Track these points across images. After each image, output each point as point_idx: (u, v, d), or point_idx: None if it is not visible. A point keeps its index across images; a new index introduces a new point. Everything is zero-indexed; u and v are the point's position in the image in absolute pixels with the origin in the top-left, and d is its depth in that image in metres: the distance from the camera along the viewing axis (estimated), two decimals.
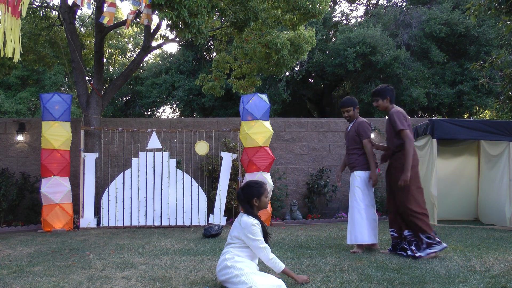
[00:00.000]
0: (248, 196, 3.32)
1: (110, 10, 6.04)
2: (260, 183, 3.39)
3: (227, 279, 3.14)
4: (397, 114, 4.51)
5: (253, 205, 3.33)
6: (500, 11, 6.76)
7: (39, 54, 10.01)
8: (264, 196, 3.36)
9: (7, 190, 7.82)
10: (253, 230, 3.18)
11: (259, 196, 3.33)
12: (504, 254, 4.54)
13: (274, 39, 8.23)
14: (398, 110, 4.57)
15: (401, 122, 4.44)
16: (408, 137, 4.39)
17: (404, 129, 4.41)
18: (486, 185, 7.97)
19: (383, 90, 4.74)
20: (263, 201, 3.36)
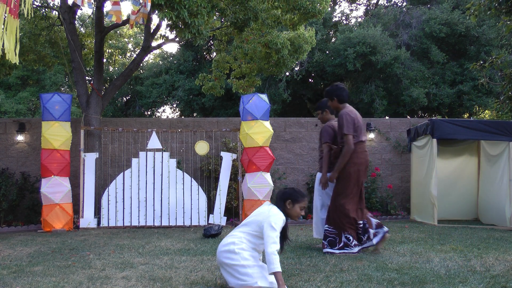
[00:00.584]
0: (286, 197, 3.33)
1: (115, 9, 6.04)
2: (304, 195, 3.40)
3: (230, 264, 3.11)
4: (345, 117, 4.61)
5: (285, 207, 3.32)
6: (500, 11, 6.77)
7: (39, 54, 10.01)
8: (299, 206, 3.34)
9: (7, 190, 7.82)
10: (278, 220, 3.15)
11: (293, 201, 3.32)
12: (504, 254, 4.54)
13: (274, 39, 8.23)
14: (348, 112, 4.66)
15: (347, 126, 4.56)
16: (348, 143, 4.54)
17: (347, 134, 4.54)
18: (486, 185, 7.97)
19: (329, 91, 4.86)
20: (295, 210, 3.33)
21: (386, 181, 9.32)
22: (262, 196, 7.32)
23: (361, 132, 4.66)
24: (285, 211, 3.31)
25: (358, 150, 4.64)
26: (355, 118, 4.64)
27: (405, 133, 9.35)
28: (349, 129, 4.55)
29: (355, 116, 4.65)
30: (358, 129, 4.62)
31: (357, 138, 4.62)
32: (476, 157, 8.47)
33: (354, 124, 4.59)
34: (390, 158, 9.43)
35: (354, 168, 4.59)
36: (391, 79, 13.66)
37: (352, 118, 4.61)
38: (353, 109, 4.77)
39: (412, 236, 5.97)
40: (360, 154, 4.64)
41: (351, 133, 4.55)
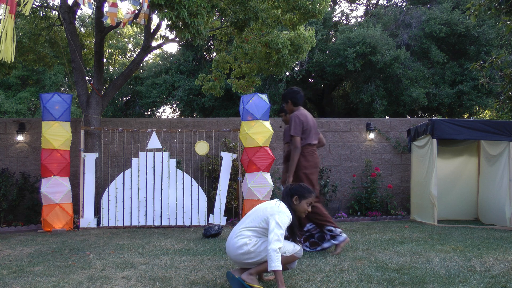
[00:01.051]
0: (293, 192, 3.35)
1: (112, 11, 6.05)
2: (311, 191, 3.41)
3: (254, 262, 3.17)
4: (295, 119, 4.71)
5: (292, 203, 3.32)
6: (500, 11, 6.76)
7: (39, 54, 10.00)
8: (306, 202, 3.35)
9: (7, 190, 7.83)
10: (285, 218, 3.15)
11: (300, 197, 3.34)
12: (504, 254, 4.54)
13: (274, 39, 8.23)
14: (297, 115, 4.76)
15: (295, 128, 4.66)
16: (295, 144, 4.63)
17: (294, 136, 4.64)
18: (486, 185, 7.97)
19: (284, 94, 5.00)
20: (302, 206, 3.34)
21: (386, 181, 9.32)
22: (262, 196, 7.32)
23: (310, 135, 4.76)
24: (292, 207, 3.31)
25: (306, 153, 4.73)
26: (304, 121, 4.74)
27: (405, 133, 9.35)
28: (297, 131, 4.67)
29: (304, 119, 4.75)
30: (306, 132, 4.73)
31: (305, 141, 4.72)
32: (476, 157, 8.48)
33: (302, 127, 4.69)
34: (390, 158, 9.43)
35: (303, 171, 4.69)
36: (391, 79, 13.65)
37: (301, 120, 4.72)
38: (305, 112, 4.87)
39: (412, 236, 5.97)
40: (308, 156, 4.73)
41: (298, 135, 4.67)
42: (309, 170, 4.70)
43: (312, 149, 4.79)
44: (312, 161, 4.73)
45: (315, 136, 4.86)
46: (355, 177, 9.18)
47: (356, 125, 9.42)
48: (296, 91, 4.95)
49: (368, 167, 9.12)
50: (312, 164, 4.73)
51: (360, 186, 9.12)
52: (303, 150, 4.70)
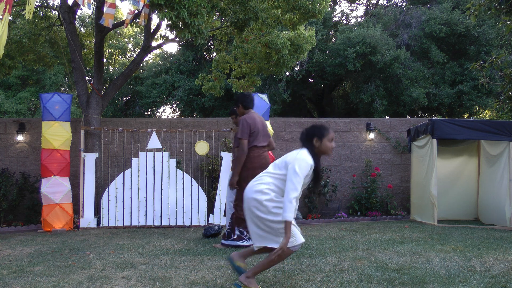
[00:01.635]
0: (310, 135, 3.21)
1: (109, 12, 6.04)
2: (325, 126, 3.26)
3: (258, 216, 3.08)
4: (243, 122, 4.86)
5: (313, 146, 3.18)
6: (500, 11, 6.76)
7: (39, 54, 10.00)
8: (327, 139, 3.19)
9: (7, 190, 7.82)
10: (304, 165, 3.03)
11: (320, 137, 3.17)
12: (504, 254, 4.54)
13: (274, 39, 8.23)
14: (245, 118, 4.91)
15: (242, 131, 4.82)
16: (242, 146, 4.80)
17: (241, 138, 4.81)
18: (486, 185, 7.97)
19: (236, 98, 5.19)
20: (325, 144, 3.18)
21: (386, 181, 9.31)
22: None
23: (257, 138, 4.89)
24: (315, 150, 3.18)
25: (253, 155, 4.87)
26: (252, 123, 4.87)
27: (405, 133, 9.35)
28: (244, 134, 4.81)
29: (252, 122, 4.88)
30: (254, 135, 4.87)
31: (252, 143, 4.86)
32: (476, 157, 8.47)
33: (250, 130, 4.83)
34: (390, 158, 9.43)
35: (248, 173, 4.79)
36: (391, 79, 13.65)
37: (249, 123, 4.85)
38: (254, 115, 5.01)
39: (412, 236, 5.97)
40: (255, 158, 4.88)
41: (245, 138, 4.82)
42: (254, 171, 4.78)
43: (260, 151, 4.95)
44: (258, 163, 4.90)
45: (263, 139, 5.01)
46: (355, 177, 9.18)
47: (356, 125, 9.42)
48: (246, 95, 5.14)
49: (368, 167, 9.12)
50: (258, 165, 4.88)
51: (360, 186, 9.12)
52: (250, 151, 4.86)
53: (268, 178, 3.17)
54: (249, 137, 4.86)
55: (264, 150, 5.02)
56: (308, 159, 3.09)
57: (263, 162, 4.94)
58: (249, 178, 4.71)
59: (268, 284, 3.39)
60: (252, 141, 4.87)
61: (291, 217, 2.93)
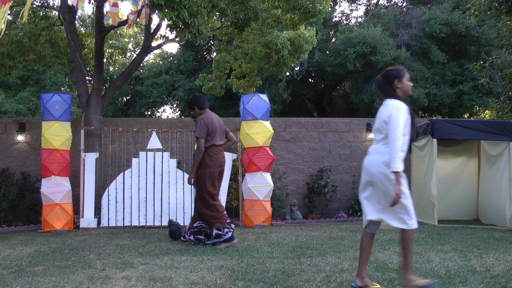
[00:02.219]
0: (389, 79, 3.17)
1: (113, 11, 6.04)
2: (399, 67, 3.24)
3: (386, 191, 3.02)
4: (200, 122, 5.01)
5: (395, 88, 3.15)
6: (500, 11, 6.76)
7: (39, 54, 10.00)
8: (406, 78, 3.17)
9: (7, 190, 7.82)
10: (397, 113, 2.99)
11: (400, 78, 3.15)
12: (504, 254, 4.54)
13: (274, 39, 8.23)
14: (203, 118, 5.07)
15: (199, 130, 4.97)
16: (199, 144, 4.96)
17: (198, 137, 4.97)
18: (486, 185, 7.97)
19: (189, 102, 5.32)
20: (406, 84, 3.16)
21: None
22: (262, 196, 7.33)
23: (215, 137, 5.05)
24: (398, 93, 3.15)
25: (212, 153, 5.04)
26: (209, 123, 5.04)
27: None
28: (201, 133, 4.96)
29: (209, 121, 5.04)
30: (211, 134, 5.03)
31: (211, 142, 5.02)
32: (476, 157, 8.47)
33: (207, 129, 4.99)
34: None
35: (207, 170, 5.01)
36: None
37: (206, 123, 5.01)
38: (211, 115, 5.17)
39: None
40: (214, 156, 5.05)
41: (202, 137, 4.97)
42: (213, 169, 5.05)
43: (217, 149, 5.11)
44: (217, 161, 5.08)
45: (220, 137, 5.17)
46: (355, 177, 9.18)
47: (356, 125, 9.42)
48: (199, 97, 5.29)
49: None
50: (216, 163, 5.08)
51: None
52: (209, 150, 5.02)
53: (380, 147, 3.12)
54: (207, 136, 5.02)
55: (221, 149, 5.21)
56: (399, 104, 3.05)
57: (221, 160, 5.15)
58: (208, 176, 4.99)
59: (268, 284, 3.39)
60: (210, 140, 5.04)
61: (399, 167, 2.88)
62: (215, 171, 5.08)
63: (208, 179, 5.05)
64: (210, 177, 5.05)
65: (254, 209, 7.32)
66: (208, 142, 5.01)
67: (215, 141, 5.07)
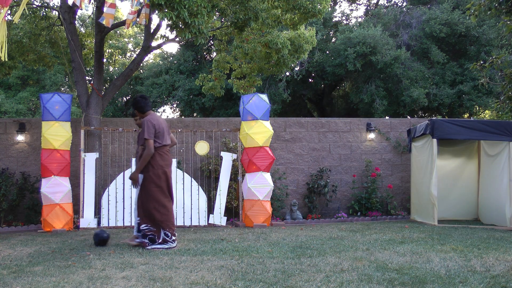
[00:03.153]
0: None
1: (109, 12, 6.03)
2: None
3: None
4: (147, 123, 5.03)
5: None
6: (500, 11, 6.76)
7: (39, 54, 9.99)
8: None
9: (7, 190, 7.82)
10: None
11: None
12: (504, 254, 4.54)
13: (274, 39, 8.23)
14: (149, 119, 5.07)
15: (148, 131, 4.98)
16: (148, 146, 4.97)
17: (147, 138, 4.98)
18: (486, 185, 7.97)
19: (133, 104, 5.33)
20: None
21: (386, 181, 9.31)
22: (262, 196, 7.33)
23: (162, 137, 5.11)
24: None
25: (162, 153, 5.09)
26: (156, 124, 5.08)
27: (405, 133, 9.35)
28: (150, 134, 4.99)
29: (156, 123, 5.08)
30: (159, 135, 5.06)
31: (160, 143, 5.07)
32: (476, 157, 8.47)
33: (155, 130, 5.02)
34: (390, 158, 9.43)
35: (160, 170, 5.04)
36: (391, 79, 13.65)
37: (153, 124, 5.05)
38: (156, 116, 5.22)
39: (412, 236, 5.97)
40: (163, 156, 5.10)
41: (151, 138, 4.98)
42: (166, 168, 5.11)
43: (165, 149, 5.16)
44: (164, 161, 5.12)
45: (168, 137, 5.23)
46: (355, 177, 9.18)
47: (356, 125, 9.42)
48: (143, 99, 5.32)
49: (368, 167, 9.12)
50: (164, 164, 5.12)
51: (360, 186, 9.12)
52: (159, 150, 5.07)
53: None
54: (155, 137, 5.06)
55: (168, 149, 5.26)
56: None
57: (170, 161, 5.23)
58: (155, 176, 5.01)
59: (268, 284, 3.38)
60: (159, 140, 5.08)
61: None
62: (168, 170, 5.13)
63: (156, 180, 5.03)
64: (158, 178, 5.05)
65: (254, 209, 7.32)
66: (157, 143, 5.05)
67: (164, 141, 5.13)
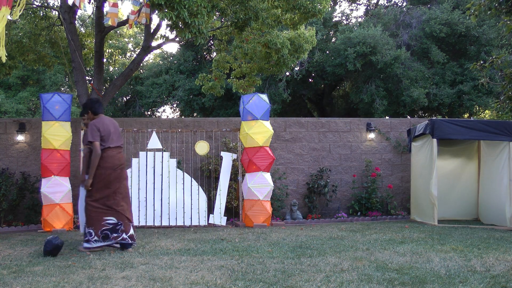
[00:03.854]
0: None
1: (112, 11, 6.03)
2: None
3: None
4: (91, 126, 5.12)
5: None
6: (500, 11, 6.76)
7: (39, 54, 9.99)
8: None
9: (7, 190, 7.82)
10: None
11: None
12: (504, 254, 4.54)
13: (274, 39, 8.23)
14: (94, 123, 5.14)
15: (92, 134, 5.06)
16: (94, 148, 5.02)
17: (92, 141, 5.04)
18: (486, 185, 7.97)
19: (84, 105, 5.40)
20: None
21: (386, 181, 9.31)
22: (262, 196, 7.32)
23: (108, 139, 5.14)
24: None
25: (107, 156, 5.10)
26: (101, 126, 5.15)
27: (405, 133, 9.35)
28: (94, 137, 5.04)
29: (101, 125, 5.15)
30: (104, 137, 5.11)
31: (104, 145, 5.10)
32: (476, 157, 8.47)
33: (100, 132, 5.08)
34: (390, 158, 9.43)
35: (101, 172, 5.03)
36: (391, 79, 13.65)
37: (98, 127, 5.12)
38: (104, 119, 5.27)
39: (412, 236, 5.97)
40: (108, 159, 5.10)
41: (96, 140, 5.04)
42: (109, 171, 5.07)
43: (112, 151, 5.17)
44: (112, 163, 5.12)
45: (116, 139, 5.24)
46: (355, 177, 9.18)
47: (356, 125, 9.42)
48: (95, 101, 5.39)
49: (368, 167, 9.12)
50: (111, 165, 5.11)
51: (360, 186, 9.12)
52: (103, 152, 5.08)
53: None
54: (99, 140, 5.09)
55: (119, 151, 5.26)
56: None
57: (116, 162, 5.19)
58: (102, 177, 5.03)
59: (268, 284, 3.39)
60: (104, 143, 5.11)
61: None
62: (110, 172, 5.10)
63: (102, 181, 5.04)
64: (106, 179, 5.06)
65: (254, 209, 7.32)
66: (101, 145, 5.08)
67: (109, 144, 5.14)
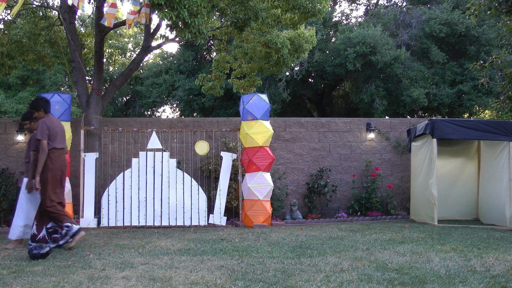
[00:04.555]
0: None
1: (111, 12, 6.03)
2: None
3: None
4: (41, 124, 5.05)
5: None
6: (500, 11, 6.76)
7: (39, 54, 9.99)
8: None
9: (7, 190, 7.83)
10: None
11: None
12: (504, 254, 4.54)
13: (274, 39, 8.23)
14: (44, 121, 5.09)
15: (41, 132, 4.99)
16: (42, 147, 4.97)
17: (40, 139, 4.99)
18: (486, 185, 7.97)
19: (35, 103, 5.32)
20: None
21: (386, 181, 9.31)
22: (262, 196, 7.32)
23: (55, 140, 5.10)
24: None
25: (53, 156, 5.07)
26: (51, 126, 5.10)
27: (405, 133, 9.35)
28: (43, 135, 4.98)
29: (50, 124, 5.10)
30: (52, 137, 5.07)
31: (52, 145, 5.06)
32: (476, 157, 8.47)
33: (48, 131, 5.04)
34: (390, 158, 9.43)
35: (51, 174, 5.02)
36: (391, 79, 13.65)
37: (47, 125, 5.07)
38: (52, 119, 5.23)
39: (412, 236, 5.97)
40: (54, 160, 5.08)
41: (44, 139, 4.99)
42: (55, 172, 5.06)
43: (59, 152, 5.15)
44: (59, 164, 5.10)
45: (61, 141, 5.21)
46: (355, 177, 9.18)
47: (356, 125, 9.42)
48: (45, 100, 5.35)
49: (368, 167, 9.12)
50: (58, 167, 5.10)
51: (360, 186, 9.12)
52: (50, 153, 5.05)
53: None
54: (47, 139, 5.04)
55: (62, 152, 5.23)
56: None
57: (63, 164, 5.18)
58: (51, 179, 4.99)
59: (268, 284, 3.39)
60: (51, 143, 5.07)
61: None
62: (57, 174, 5.08)
63: (51, 183, 5.02)
64: (53, 180, 5.04)
65: (254, 209, 7.33)
66: (48, 145, 5.04)
67: (56, 144, 5.10)
